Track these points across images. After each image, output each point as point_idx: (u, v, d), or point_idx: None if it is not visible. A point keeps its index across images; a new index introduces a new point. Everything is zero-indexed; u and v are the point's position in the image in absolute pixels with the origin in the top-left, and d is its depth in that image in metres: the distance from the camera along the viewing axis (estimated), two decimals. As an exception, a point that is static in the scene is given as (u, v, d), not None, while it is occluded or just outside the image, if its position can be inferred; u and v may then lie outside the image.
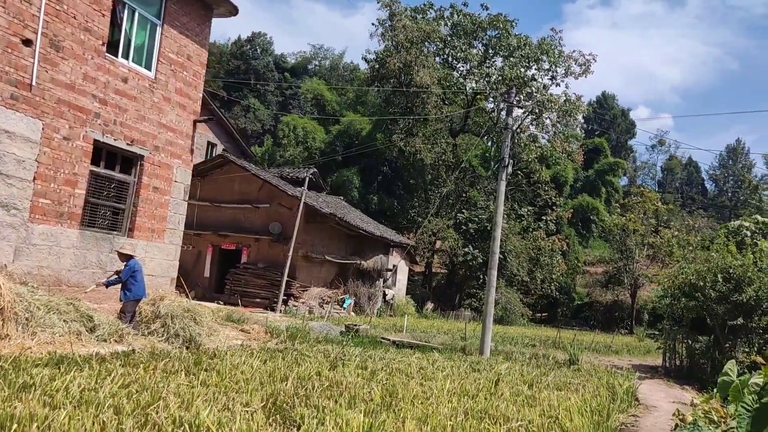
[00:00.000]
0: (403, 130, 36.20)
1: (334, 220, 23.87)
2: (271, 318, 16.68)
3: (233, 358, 9.22)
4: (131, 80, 11.04)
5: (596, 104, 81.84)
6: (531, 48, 41.34)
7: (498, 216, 15.33)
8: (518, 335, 23.92)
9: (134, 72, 11.12)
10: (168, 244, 12.21)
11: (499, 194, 15.30)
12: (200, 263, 24.80)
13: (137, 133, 11.17)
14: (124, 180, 11.28)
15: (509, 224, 38.19)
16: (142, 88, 11.21)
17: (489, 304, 14.94)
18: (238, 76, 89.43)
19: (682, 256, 16.99)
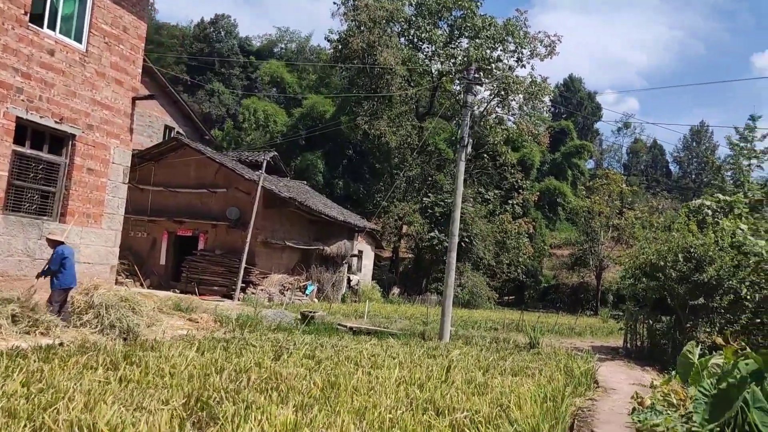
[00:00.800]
0: (368, 113, 35.56)
1: (295, 204, 23.23)
2: (226, 306, 16.07)
3: (170, 349, 8.64)
4: (59, 53, 10.25)
5: (563, 87, 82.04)
6: (496, 29, 40.95)
7: (457, 197, 14.89)
8: (483, 319, 23.66)
9: (62, 44, 10.32)
10: (106, 229, 11.49)
11: (458, 174, 14.85)
12: (155, 251, 23.98)
13: (67, 111, 10.40)
14: (53, 161, 10.50)
15: (475, 208, 37.95)
16: (71, 61, 10.42)
17: (448, 287, 14.53)
18: (201, 60, 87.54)
19: (643, 237, 16.76)
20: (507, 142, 43.73)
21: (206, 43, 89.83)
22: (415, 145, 37.86)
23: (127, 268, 23.26)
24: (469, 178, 41.56)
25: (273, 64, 54.54)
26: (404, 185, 38.63)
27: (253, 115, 41.91)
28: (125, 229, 24.56)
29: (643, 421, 7.17)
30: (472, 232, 36.44)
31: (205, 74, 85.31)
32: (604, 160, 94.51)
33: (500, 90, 42.02)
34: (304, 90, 48.78)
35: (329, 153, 39.29)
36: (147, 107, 32.82)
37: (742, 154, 40.80)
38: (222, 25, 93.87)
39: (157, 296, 15.44)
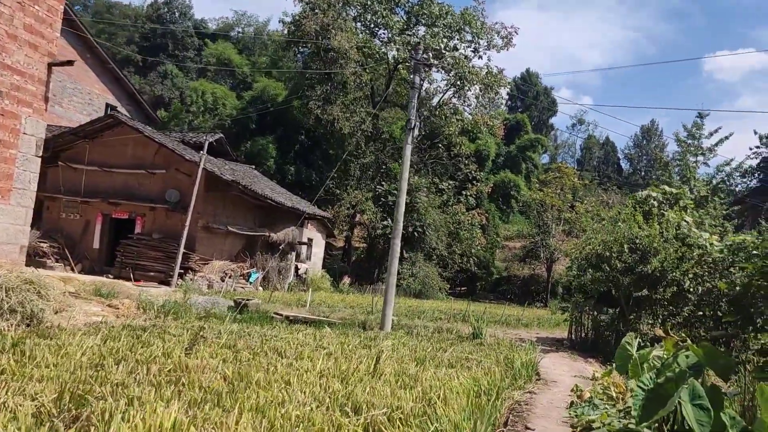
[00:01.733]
0: (321, 98, 34.72)
1: (238, 188, 22.33)
2: (155, 293, 15.16)
3: (71, 337, 7.82)
4: (-43, 9, 9.28)
5: (520, 80, 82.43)
6: (454, 18, 40.54)
7: (403, 182, 14.32)
8: (432, 309, 23.25)
9: (-37, 0, 9.36)
10: (15, 206, 10.52)
11: (404, 158, 14.27)
12: (89, 234, 22.78)
13: (-32, 74, 9.44)
14: (-50, 128, 9.53)
15: (429, 198, 37.56)
16: (-26, 19, 9.45)
17: (391, 275, 13.98)
18: (154, 41, 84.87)
19: (590, 227, 16.53)
20: (463, 133, 43.48)
21: (159, 23, 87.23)
22: (369, 133, 37.22)
23: (58, 251, 22.08)
24: (423, 168, 41.18)
25: (220, 45, 53.02)
26: (358, 173, 37.94)
27: (201, 97, 40.56)
28: (56, 210, 23.45)
29: (579, 416, 6.75)
30: (425, 221, 36.07)
31: (157, 56, 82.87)
32: (558, 155, 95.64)
33: (456, 80, 41.73)
34: (255, 74, 47.56)
35: (281, 138, 38.30)
36: (87, 83, 31.35)
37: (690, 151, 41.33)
38: (176, 6, 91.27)
39: (79, 280, 14.48)
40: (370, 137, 38.40)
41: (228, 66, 46.61)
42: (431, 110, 41.41)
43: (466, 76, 39.98)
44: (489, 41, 42.75)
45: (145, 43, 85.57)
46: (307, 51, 37.04)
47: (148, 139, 22.20)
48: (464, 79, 40.25)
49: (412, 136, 14.20)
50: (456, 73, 40.98)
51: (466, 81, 40.52)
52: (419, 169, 39.86)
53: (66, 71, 29.84)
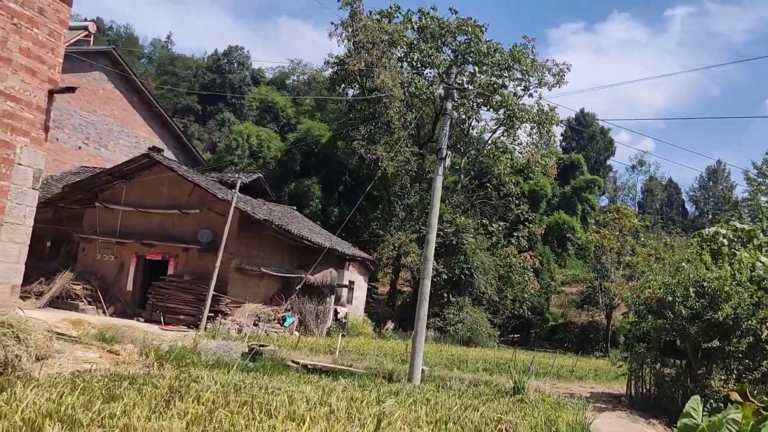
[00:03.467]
0: (365, 138, 34.01)
1: (271, 227, 21.46)
2: (171, 336, 14.19)
3: (32, 389, 6.79)
4: (-56, 30, 8.73)
5: (574, 121, 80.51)
6: (502, 55, 39.61)
7: (432, 217, 13.06)
8: (476, 358, 21.57)
9: (-50, 20, 8.81)
10: (7, 242, 9.76)
11: (434, 191, 13.06)
12: (123, 275, 22.25)
13: (-46, 98, 8.83)
14: (-65, 158, 8.89)
15: (477, 239, 36.00)
16: (-38, 41, 8.88)
17: (420, 320, 12.60)
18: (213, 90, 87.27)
19: (647, 266, 14.77)
20: (514, 173, 42.02)
21: (218, 74, 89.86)
22: (414, 173, 36.21)
23: (91, 294, 21.56)
24: (471, 209, 39.77)
25: (263, 88, 53.44)
26: (402, 214, 36.80)
27: (246, 140, 40.50)
28: (92, 251, 23.08)
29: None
30: (473, 264, 34.45)
31: (216, 104, 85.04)
32: (618, 197, 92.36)
33: (505, 118, 40.54)
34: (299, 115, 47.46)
35: (325, 179, 37.65)
36: (134, 127, 31.57)
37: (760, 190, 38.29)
38: (235, 57, 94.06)
39: (90, 323, 13.68)
40: (415, 177, 37.35)
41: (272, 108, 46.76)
42: (479, 149, 40.22)
43: (515, 114, 38.77)
44: (540, 79, 41.60)
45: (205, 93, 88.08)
46: (351, 92, 36.66)
47: (182, 178, 21.71)
48: (514, 117, 39.04)
49: (443, 167, 13.01)
50: (505, 112, 39.85)
51: (515, 119, 39.30)
52: (466, 210, 38.47)
53: (112, 114, 30.16)
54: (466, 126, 42.09)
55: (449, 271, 33.68)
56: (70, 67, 27.38)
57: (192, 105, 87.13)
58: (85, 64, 28.23)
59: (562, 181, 55.99)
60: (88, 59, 28.37)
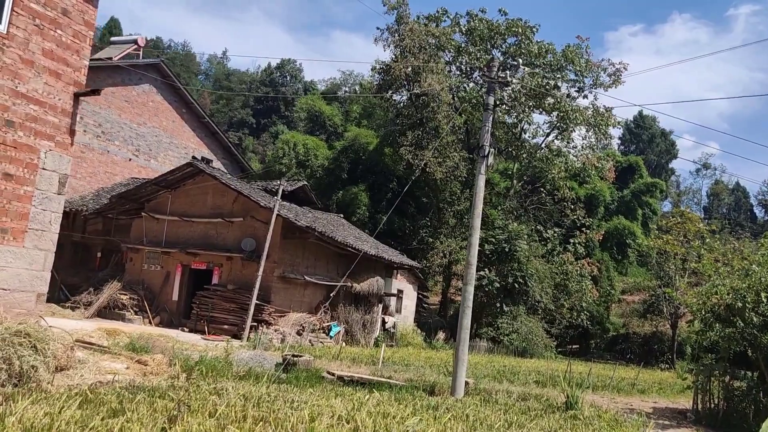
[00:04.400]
0: (412, 143, 33.39)
1: (314, 234, 21.01)
2: (204, 346, 13.80)
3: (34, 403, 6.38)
4: (-39, 31, 8.55)
5: (633, 124, 77.85)
6: (555, 56, 38.35)
7: (475, 218, 12.26)
8: (530, 369, 20.53)
9: (-34, 21, 8.64)
10: (31, 249, 9.52)
11: (477, 190, 12.26)
12: (168, 285, 22.21)
13: (-26, 102, 8.64)
14: (-47, 162, 8.70)
15: (531, 246, 34.76)
16: (-19, 43, 8.70)
17: (463, 329, 11.80)
18: (266, 103, 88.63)
19: (713, 270, 13.55)
20: (569, 177, 40.59)
21: (272, 87, 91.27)
22: (463, 178, 35.30)
23: (137, 304, 21.59)
24: (524, 214, 38.55)
25: (310, 98, 53.49)
26: (452, 221, 35.91)
27: (293, 149, 40.41)
28: (139, 261, 23.17)
29: None
30: (527, 272, 33.21)
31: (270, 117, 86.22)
32: (682, 202, 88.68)
33: (559, 121, 39.27)
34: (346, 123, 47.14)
35: (372, 187, 37.16)
36: (183, 138, 31.86)
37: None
38: (288, 70, 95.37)
39: (124, 332, 13.44)
40: (465, 183, 36.43)
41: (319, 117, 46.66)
42: (531, 152, 38.99)
43: (569, 116, 37.45)
44: (595, 79, 40.13)
45: (259, 106, 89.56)
46: (398, 97, 36.11)
47: (226, 187, 21.55)
48: (567, 119, 37.72)
49: (485, 165, 12.19)
50: (558, 114, 38.59)
51: (569, 121, 37.96)
52: (519, 216, 37.27)
53: (162, 126, 30.50)
54: (518, 130, 40.96)
55: (502, 279, 32.57)
56: (120, 80, 27.90)
57: (246, 118, 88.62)
58: (134, 77, 28.66)
59: (620, 184, 53.94)
60: (137, 72, 28.81)
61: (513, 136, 40.39)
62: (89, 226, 25.35)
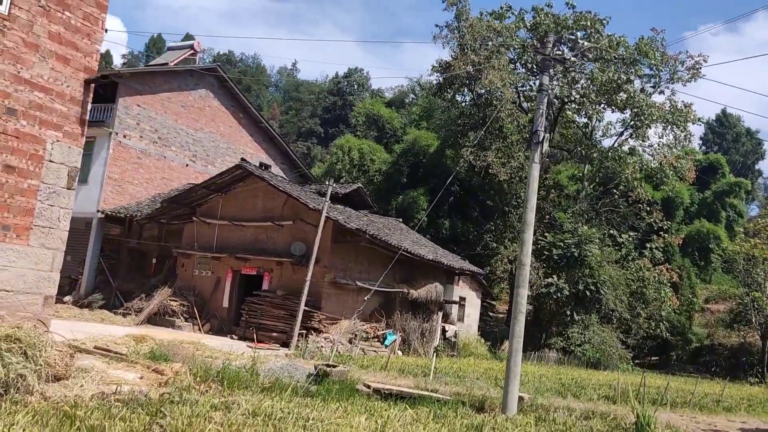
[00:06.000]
0: (474, 144, 31.96)
1: (366, 237, 19.97)
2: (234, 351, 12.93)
3: None
4: (-44, 12, 7.97)
5: (715, 123, 73.36)
6: (627, 49, 36.09)
7: (528, 212, 10.88)
8: (601, 383, 18.72)
9: (-38, 1, 8.05)
10: (37, 247, 8.84)
11: (530, 181, 10.90)
12: (219, 291, 21.69)
13: (-30, 88, 8.04)
14: (-53, 153, 8.10)
15: (603, 251, 32.59)
16: (-21, 25, 8.10)
17: (515, 338, 10.42)
18: (334, 113, 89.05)
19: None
20: (645, 178, 38.05)
21: (339, 96, 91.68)
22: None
23: (187, 310, 21.14)
24: (596, 217, 36.33)
25: (368, 102, 52.70)
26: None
27: (347, 154, 39.63)
28: (190, 267, 22.77)
29: None
30: (599, 278, 31.08)
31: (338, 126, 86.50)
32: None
33: (633, 118, 36.96)
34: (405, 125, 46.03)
35: (433, 190, 35.91)
36: (241, 143, 31.60)
37: None
38: (355, 79, 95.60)
39: (152, 338, 12.75)
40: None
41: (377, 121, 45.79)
42: (601, 152, 36.77)
43: (644, 113, 35.10)
44: (672, 73, 37.56)
45: (327, 116, 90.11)
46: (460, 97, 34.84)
47: (275, 189, 20.85)
48: (642, 116, 35.37)
49: (540, 153, 10.81)
50: (632, 111, 36.30)
51: (644, 118, 35.59)
52: (590, 219, 35.10)
53: (219, 131, 30.32)
54: (588, 129, 38.83)
55: (572, 286, 30.60)
56: (177, 86, 27.85)
57: (314, 128, 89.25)
58: (191, 82, 28.58)
59: (700, 186, 50.46)
60: (193, 77, 28.74)
61: (583, 135, 38.31)
62: (145, 232, 25.25)
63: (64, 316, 19.81)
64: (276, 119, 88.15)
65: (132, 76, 26.64)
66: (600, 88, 35.10)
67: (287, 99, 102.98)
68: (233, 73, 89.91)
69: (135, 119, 26.16)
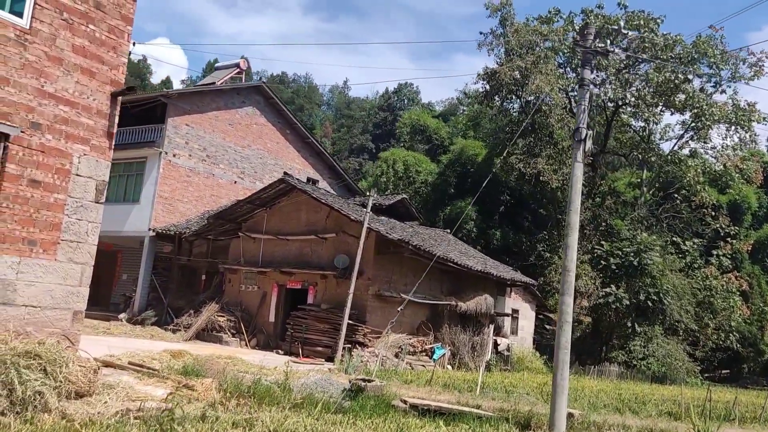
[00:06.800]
0: (523, 151, 31.11)
1: (409, 248, 19.47)
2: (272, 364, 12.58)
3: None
4: (-23, 26, 7.96)
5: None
6: (684, 48, 34.65)
7: (572, 215, 10.17)
8: (665, 398, 17.57)
9: (-17, 16, 8.04)
10: (65, 262, 8.74)
11: (573, 181, 10.23)
12: (265, 306, 21.57)
13: (-7, 103, 8.02)
14: (-27, 168, 8.09)
15: (665, 259, 31.10)
16: (0, 38, 8.04)
17: (561, 349, 9.70)
18: (384, 128, 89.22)
19: None
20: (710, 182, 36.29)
21: (389, 111, 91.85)
22: (583, 186, 32.40)
23: (234, 325, 21.08)
24: (657, 224, 34.79)
25: (414, 113, 52.24)
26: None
27: (392, 166, 39.22)
28: (237, 282, 22.75)
29: None
30: (662, 288, 29.59)
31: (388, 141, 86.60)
32: None
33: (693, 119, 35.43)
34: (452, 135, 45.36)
35: (482, 200, 35.17)
36: (288, 159, 31.69)
37: None
38: (405, 94, 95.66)
39: (190, 354, 12.57)
40: (584, 191, 33.50)
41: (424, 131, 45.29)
42: (660, 156, 35.28)
43: (704, 113, 33.54)
44: (733, 72, 35.84)
45: (378, 131, 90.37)
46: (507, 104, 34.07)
47: (318, 202, 20.64)
48: (703, 116, 33.81)
49: (582, 151, 10.15)
50: (692, 112, 34.79)
51: (705, 119, 34.01)
52: (651, 226, 33.62)
53: (266, 147, 30.49)
54: (645, 133, 37.40)
55: (632, 296, 29.24)
56: (223, 104, 28.16)
57: (366, 144, 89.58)
58: (237, 100, 28.88)
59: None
60: (240, 95, 29.04)
61: (641, 139, 36.94)
62: (194, 249, 25.46)
63: (115, 333, 20.07)
64: (328, 137, 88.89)
65: (180, 97, 27.07)
66: (656, 89, 33.79)
67: (339, 117, 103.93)
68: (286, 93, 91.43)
69: (184, 138, 26.53)
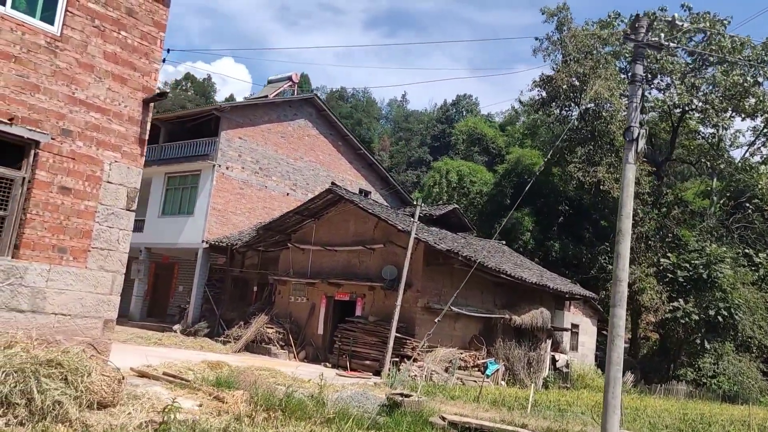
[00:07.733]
0: (582, 160, 30.00)
1: (458, 259, 18.86)
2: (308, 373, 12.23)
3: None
4: (8, 33, 7.95)
5: None
6: (754, 50, 32.96)
7: (624, 219, 9.42)
8: (736, 419, 16.31)
9: (14, 22, 8.01)
10: (96, 270, 8.64)
11: (624, 183, 9.49)
12: (313, 318, 21.32)
13: (24, 109, 7.92)
14: (4, 175, 8.06)
15: (737, 272, 29.31)
16: (31, 45, 8.01)
17: (612, 365, 8.94)
18: (443, 140, 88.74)
19: None
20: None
21: (447, 123, 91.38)
22: (647, 195, 30.99)
23: (283, 337, 20.92)
24: (727, 235, 32.92)
25: (471, 121, 51.29)
26: (635, 244, 31.57)
27: (445, 176, 38.49)
28: (286, 293, 22.61)
29: None
30: (733, 302, 27.85)
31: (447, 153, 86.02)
32: None
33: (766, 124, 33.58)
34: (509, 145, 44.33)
35: (539, 211, 34.00)
36: (340, 171, 31.60)
37: None
38: (463, 105, 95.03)
39: (228, 365, 12.36)
40: (651, 202, 32.03)
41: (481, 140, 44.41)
42: (730, 163, 33.47)
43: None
44: (809, 72, 33.79)
45: (436, 144, 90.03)
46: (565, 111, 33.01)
47: (366, 212, 20.31)
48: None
49: (635, 151, 9.41)
50: (763, 116, 32.98)
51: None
52: (721, 237, 31.83)
53: (318, 159, 30.48)
54: (714, 139, 35.61)
55: (701, 311, 27.62)
56: (276, 117, 28.33)
57: (423, 156, 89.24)
58: (289, 113, 29.01)
59: None
60: (292, 108, 29.17)
61: (710, 146, 35.20)
62: (246, 261, 25.54)
63: (166, 343, 20.24)
64: (386, 150, 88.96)
65: (233, 110, 27.36)
66: (725, 94, 32.16)
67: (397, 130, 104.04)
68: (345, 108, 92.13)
69: (237, 151, 26.77)
